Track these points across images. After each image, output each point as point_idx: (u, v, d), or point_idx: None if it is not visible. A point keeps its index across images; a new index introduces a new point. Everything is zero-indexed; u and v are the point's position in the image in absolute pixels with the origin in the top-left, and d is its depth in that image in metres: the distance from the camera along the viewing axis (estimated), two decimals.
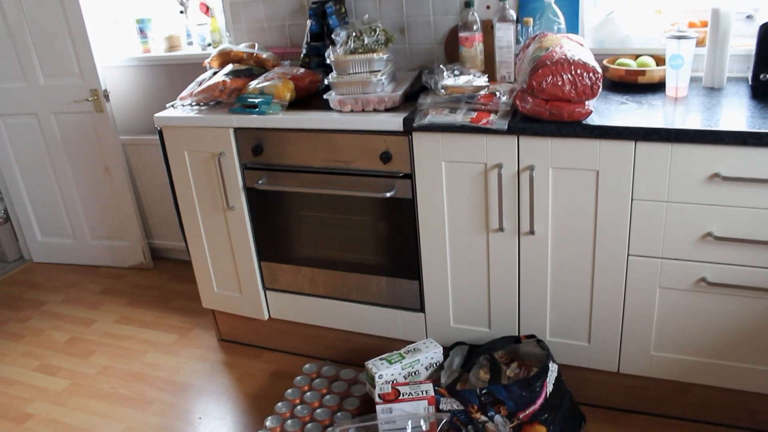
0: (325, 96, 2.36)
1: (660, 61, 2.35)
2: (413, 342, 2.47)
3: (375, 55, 2.30)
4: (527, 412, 2.04)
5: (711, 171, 1.88)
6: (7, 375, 2.95)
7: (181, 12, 3.42)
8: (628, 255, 2.07)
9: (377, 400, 2.15)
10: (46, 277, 3.85)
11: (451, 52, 2.66)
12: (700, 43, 2.28)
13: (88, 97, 3.42)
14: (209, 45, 3.36)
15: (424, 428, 2.14)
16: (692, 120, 1.92)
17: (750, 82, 2.20)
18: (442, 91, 2.19)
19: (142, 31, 3.50)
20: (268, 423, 2.31)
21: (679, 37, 2.10)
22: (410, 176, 2.27)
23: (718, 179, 1.88)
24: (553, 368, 2.12)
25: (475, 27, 2.37)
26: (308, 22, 2.70)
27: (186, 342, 3.07)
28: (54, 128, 3.59)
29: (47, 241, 3.97)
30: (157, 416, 2.59)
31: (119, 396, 2.74)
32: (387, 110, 2.29)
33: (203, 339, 3.07)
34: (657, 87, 2.29)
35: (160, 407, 2.64)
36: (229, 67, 2.64)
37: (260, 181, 2.50)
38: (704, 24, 2.35)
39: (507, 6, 2.30)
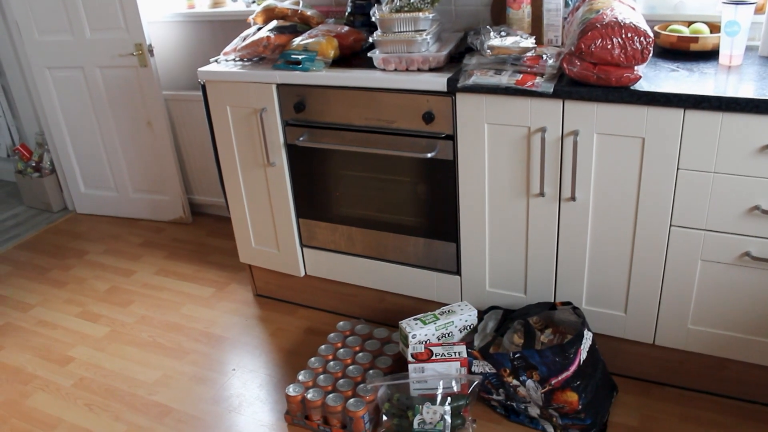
0: (369, 54, 2.34)
1: (714, 28, 2.28)
2: (448, 304, 2.47)
3: (421, 14, 2.26)
4: (559, 378, 2.04)
5: (763, 142, 1.83)
6: (51, 320, 3.05)
7: None
8: (671, 225, 2.04)
9: (410, 359, 2.17)
10: (89, 228, 3.94)
11: (498, 15, 2.61)
12: (759, 10, 2.20)
13: (133, 51, 3.45)
14: (253, 2, 3.35)
15: (455, 389, 2.15)
16: (746, 89, 1.86)
17: None
18: (488, 51, 2.16)
19: None
20: (300, 377, 2.35)
21: (737, 3, 2.03)
22: (452, 137, 2.25)
23: None
24: (587, 336, 2.11)
25: None
26: None
27: (222, 296, 3.12)
28: (99, 82, 3.64)
29: (90, 193, 4.05)
30: (192, 366, 2.65)
31: (156, 345, 2.80)
32: (431, 70, 2.27)
33: (239, 293, 3.12)
34: (710, 55, 2.22)
35: (195, 357, 2.70)
36: (274, 24, 2.64)
37: (301, 138, 2.50)
38: None
39: None
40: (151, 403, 2.46)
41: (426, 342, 2.27)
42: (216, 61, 2.67)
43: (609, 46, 1.89)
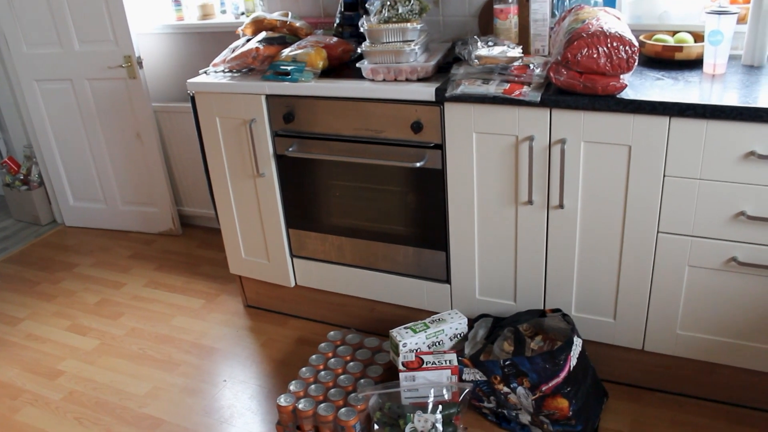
0: (357, 64, 2.36)
1: (698, 38, 2.31)
2: (438, 313, 2.48)
3: (409, 24, 2.28)
4: (550, 385, 2.05)
5: (747, 149, 1.85)
6: (40, 333, 3.03)
7: None
8: (658, 232, 2.05)
9: (401, 368, 2.17)
10: (78, 241, 3.93)
11: (485, 25, 2.64)
12: (741, 19, 2.24)
13: (122, 63, 3.45)
14: (242, 13, 3.37)
15: (446, 397, 2.16)
16: (729, 97, 1.89)
17: None
18: (476, 61, 2.18)
19: None
20: (291, 387, 2.34)
21: (720, 13, 2.07)
22: (441, 147, 2.27)
23: (753, 158, 1.85)
24: (577, 343, 2.12)
25: None
26: None
27: (212, 307, 3.11)
28: (88, 94, 3.64)
29: (79, 206, 4.04)
30: (183, 377, 2.64)
31: (146, 357, 2.79)
32: (419, 80, 2.29)
33: (229, 305, 3.12)
34: (694, 64, 2.25)
35: (186, 369, 2.69)
36: (263, 35, 2.65)
37: (290, 149, 2.51)
38: (747, 0, 2.30)
39: None
40: (141, 416, 2.45)
41: (417, 350, 2.28)
42: (205, 72, 2.68)
43: (595, 56, 1.92)
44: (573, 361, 2.08)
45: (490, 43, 2.26)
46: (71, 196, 4.03)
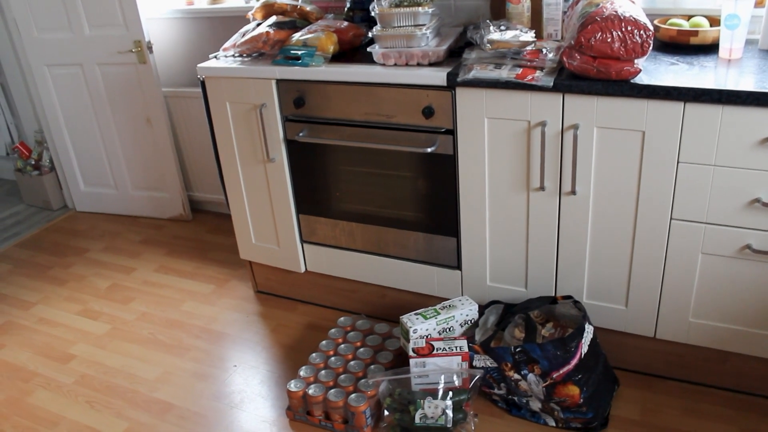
0: (368, 49, 2.34)
1: (714, 22, 2.27)
2: (448, 299, 2.47)
3: (420, 8, 2.26)
4: (561, 372, 2.04)
5: (763, 135, 1.83)
6: (51, 317, 3.05)
7: None
8: (671, 219, 2.03)
9: (411, 354, 2.17)
10: (89, 226, 3.94)
11: (497, 9, 2.61)
12: (759, 3, 2.20)
13: (132, 48, 3.45)
14: None
15: (456, 384, 2.15)
16: (746, 82, 1.86)
17: None
18: (488, 45, 2.15)
19: None
20: (301, 373, 2.35)
21: None
22: (452, 132, 2.25)
23: None
24: (588, 330, 2.11)
25: None
26: None
27: (223, 292, 3.12)
28: (98, 79, 3.63)
29: (90, 191, 4.05)
30: (193, 362, 2.65)
31: (157, 341, 2.80)
32: (431, 65, 2.27)
33: (240, 290, 3.12)
34: (710, 48, 2.22)
35: (196, 354, 2.70)
36: (273, 19, 2.63)
37: (301, 134, 2.50)
38: None
39: None
40: (152, 400, 2.47)
41: (427, 337, 2.27)
42: (215, 57, 2.67)
43: (609, 40, 1.89)
44: (584, 348, 2.07)
45: (502, 28, 2.24)
46: (82, 182, 4.04)
